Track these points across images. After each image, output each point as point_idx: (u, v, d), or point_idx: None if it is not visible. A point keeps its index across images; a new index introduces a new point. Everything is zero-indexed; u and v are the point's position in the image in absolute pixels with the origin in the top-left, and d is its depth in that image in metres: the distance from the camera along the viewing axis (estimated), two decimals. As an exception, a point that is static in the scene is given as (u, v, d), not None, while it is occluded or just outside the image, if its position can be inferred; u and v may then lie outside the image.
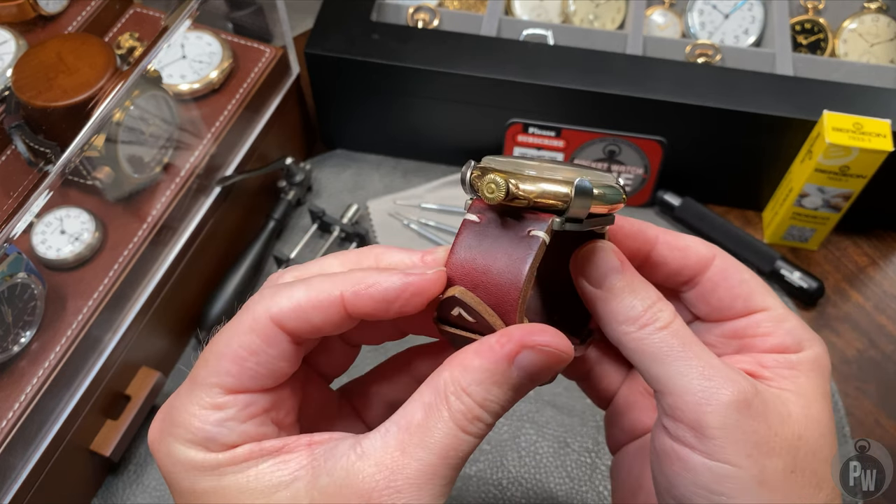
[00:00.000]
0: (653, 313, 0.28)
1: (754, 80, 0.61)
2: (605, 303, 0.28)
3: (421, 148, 0.70)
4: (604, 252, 0.29)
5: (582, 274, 0.29)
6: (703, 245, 0.31)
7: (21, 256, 0.45)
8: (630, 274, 0.29)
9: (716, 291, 0.31)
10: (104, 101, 0.48)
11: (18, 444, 0.44)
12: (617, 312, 0.28)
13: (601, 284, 0.29)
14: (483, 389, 0.24)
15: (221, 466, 0.25)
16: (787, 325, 0.30)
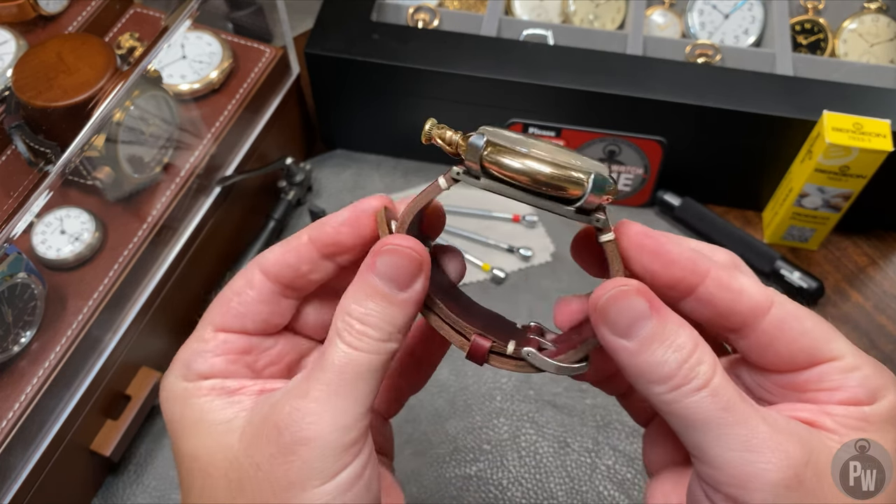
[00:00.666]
0: (689, 369, 0.24)
1: (754, 81, 0.61)
2: (632, 356, 0.25)
3: (421, 148, 0.70)
4: (628, 296, 0.25)
5: (607, 323, 0.25)
6: (759, 290, 0.27)
7: (21, 256, 0.45)
8: (661, 318, 0.25)
9: (772, 346, 0.27)
10: (104, 101, 0.48)
11: (18, 444, 0.44)
12: (646, 370, 0.25)
13: (628, 335, 0.25)
14: (359, 305, 0.26)
15: (188, 395, 0.27)
16: (858, 374, 0.26)
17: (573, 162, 0.25)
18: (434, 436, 0.55)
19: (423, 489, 0.53)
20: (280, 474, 0.25)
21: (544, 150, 0.25)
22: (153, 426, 0.56)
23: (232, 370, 0.28)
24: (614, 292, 0.25)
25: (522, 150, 0.25)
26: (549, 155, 0.25)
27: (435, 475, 0.53)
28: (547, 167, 0.25)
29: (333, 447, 0.25)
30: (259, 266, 0.28)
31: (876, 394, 0.26)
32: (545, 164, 0.25)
